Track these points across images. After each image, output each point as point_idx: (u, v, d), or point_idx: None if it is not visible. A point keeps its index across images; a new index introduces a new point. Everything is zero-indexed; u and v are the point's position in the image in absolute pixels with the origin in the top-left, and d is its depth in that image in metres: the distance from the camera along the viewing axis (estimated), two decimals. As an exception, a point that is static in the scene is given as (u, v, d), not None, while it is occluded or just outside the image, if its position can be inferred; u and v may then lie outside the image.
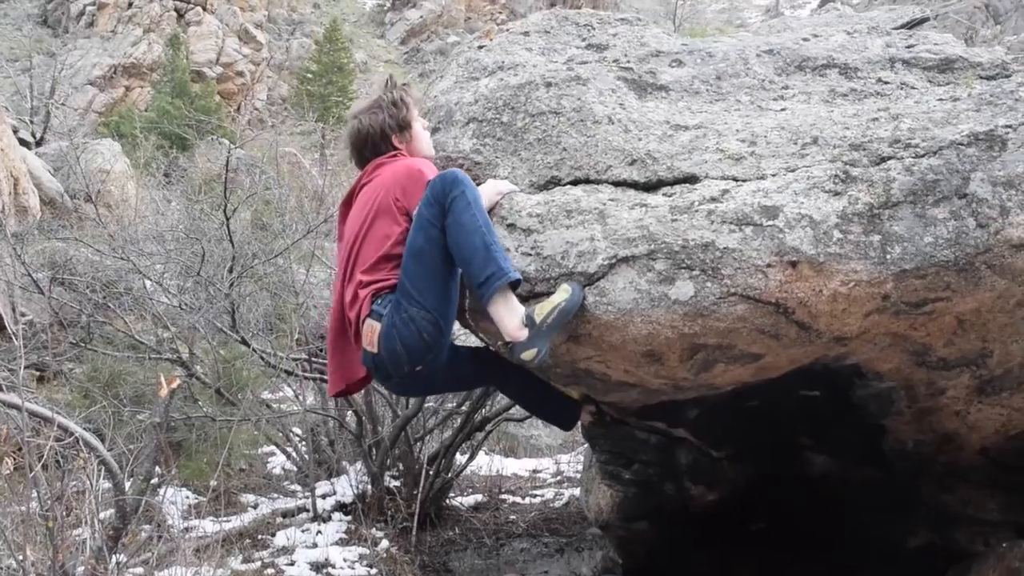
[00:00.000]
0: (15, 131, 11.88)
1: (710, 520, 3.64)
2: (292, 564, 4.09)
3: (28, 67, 22.38)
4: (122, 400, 5.38)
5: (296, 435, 5.62)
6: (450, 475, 5.11)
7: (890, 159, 2.28)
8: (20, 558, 2.75)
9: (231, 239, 5.55)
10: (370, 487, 4.84)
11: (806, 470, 3.34)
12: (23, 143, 12.53)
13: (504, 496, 5.67)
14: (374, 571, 4.07)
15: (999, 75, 2.69)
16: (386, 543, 4.38)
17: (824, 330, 2.31)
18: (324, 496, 4.95)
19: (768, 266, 2.20)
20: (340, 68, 29.51)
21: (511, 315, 2.34)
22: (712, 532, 3.65)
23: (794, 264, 2.19)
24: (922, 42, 2.94)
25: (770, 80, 2.88)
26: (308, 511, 4.82)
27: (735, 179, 2.41)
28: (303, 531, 4.55)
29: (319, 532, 4.52)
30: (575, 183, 2.60)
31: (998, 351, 2.50)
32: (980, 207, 2.17)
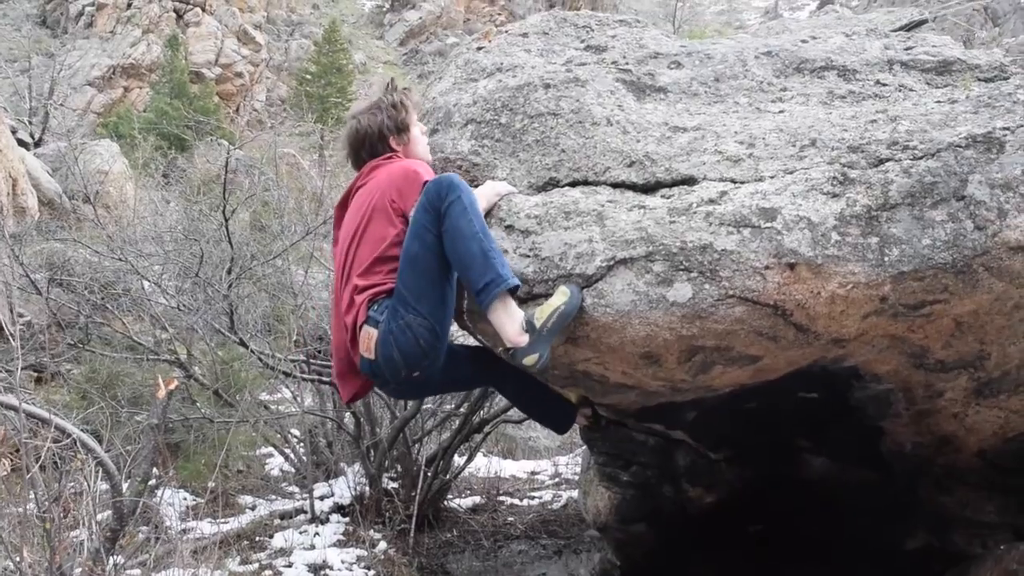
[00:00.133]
0: (13, 132, 11.88)
1: (708, 522, 3.64)
2: (290, 566, 4.09)
3: (27, 68, 22.34)
4: (120, 401, 5.38)
5: (294, 436, 5.62)
6: (448, 477, 5.11)
7: (888, 161, 2.28)
8: (17, 559, 2.75)
9: (230, 240, 5.54)
10: (368, 489, 4.84)
11: (804, 472, 3.34)
12: (21, 144, 12.54)
13: (502, 498, 5.66)
14: (372, 573, 4.07)
15: (997, 77, 2.69)
16: (384, 545, 4.38)
17: (822, 332, 2.31)
18: (322, 498, 4.96)
19: (766, 268, 2.20)
20: (339, 69, 29.53)
21: (511, 321, 2.34)
22: (710, 534, 3.65)
23: (792, 266, 2.19)
24: (920, 44, 2.94)
25: (768, 82, 2.88)
26: (306, 513, 4.83)
27: (733, 181, 2.41)
28: (301, 533, 4.55)
29: (317, 534, 4.52)
30: (573, 184, 2.60)
31: (996, 353, 2.50)
32: (978, 209, 2.17)
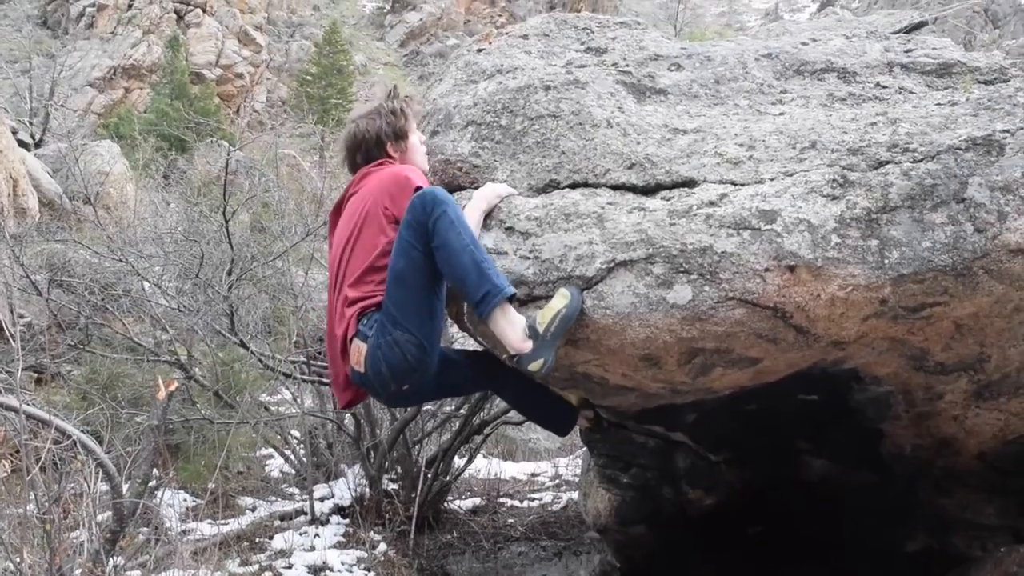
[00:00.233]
0: (14, 132, 11.88)
1: (708, 524, 3.64)
2: (290, 567, 4.09)
3: (27, 68, 22.35)
4: (120, 402, 5.38)
5: (294, 438, 5.62)
6: (448, 478, 5.11)
7: (888, 164, 2.29)
8: (17, 560, 2.75)
9: (230, 241, 5.55)
10: (368, 490, 4.84)
11: (804, 474, 3.34)
12: (22, 144, 12.53)
13: (502, 500, 5.66)
14: (372, 574, 4.06)
15: (997, 80, 2.69)
16: (384, 546, 4.38)
17: (822, 334, 2.31)
18: (322, 499, 4.96)
19: (766, 270, 2.20)
20: (339, 70, 29.57)
21: (512, 329, 2.34)
22: (710, 536, 3.65)
23: (792, 268, 2.20)
24: (920, 47, 2.94)
25: (769, 84, 2.88)
26: (306, 514, 4.82)
27: (733, 183, 2.41)
28: (301, 534, 4.55)
29: (317, 535, 4.52)
30: (574, 186, 2.60)
31: (996, 356, 2.50)
32: (978, 212, 2.17)
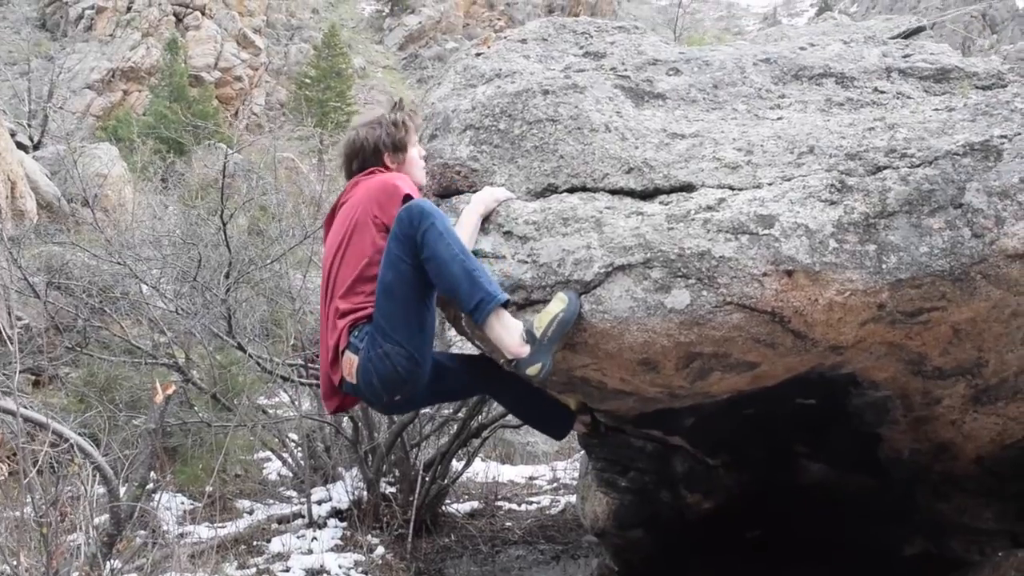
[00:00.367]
0: (12, 134, 11.88)
1: (706, 528, 3.64)
2: (287, 571, 4.09)
3: (26, 71, 22.33)
4: (118, 405, 5.37)
5: (292, 441, 5.61)
6: (446, 482, 5.10)
7: (886, 169, 2.29)
8: (14, 563, 2.74)
9: (228, 244, 5.55)
10: (366, 493, 4.83)
11: (802, 478, 3.34)
12: (20, 146, 12.53)
13: (500, 503, 5.65)
14: (369, 578, 4.06)
15: (995, 85, 2.70)
16: (382, 550, 4.38)
17: (820, 339, 2.31)
18: (320, 502, 4.95)
19: (764, 275, 2.21)
20: (338, 73, 29.60)
21: (509, 334, 2.34)
22: (708, 540, 3.65)
23: (790, 273, 2.20)
24: (918, 52, 2.95)
25: (767, 89, 2.88)
26: (304, 517, 4.82)
27: (731, 188, 2.41)
28: (298, 537, 4.54)
29: (314, 538, 4.52)
30: (572, 191, 2.60)
31: (993, 361, 2.50)
32: (975, 217, 2.18)
